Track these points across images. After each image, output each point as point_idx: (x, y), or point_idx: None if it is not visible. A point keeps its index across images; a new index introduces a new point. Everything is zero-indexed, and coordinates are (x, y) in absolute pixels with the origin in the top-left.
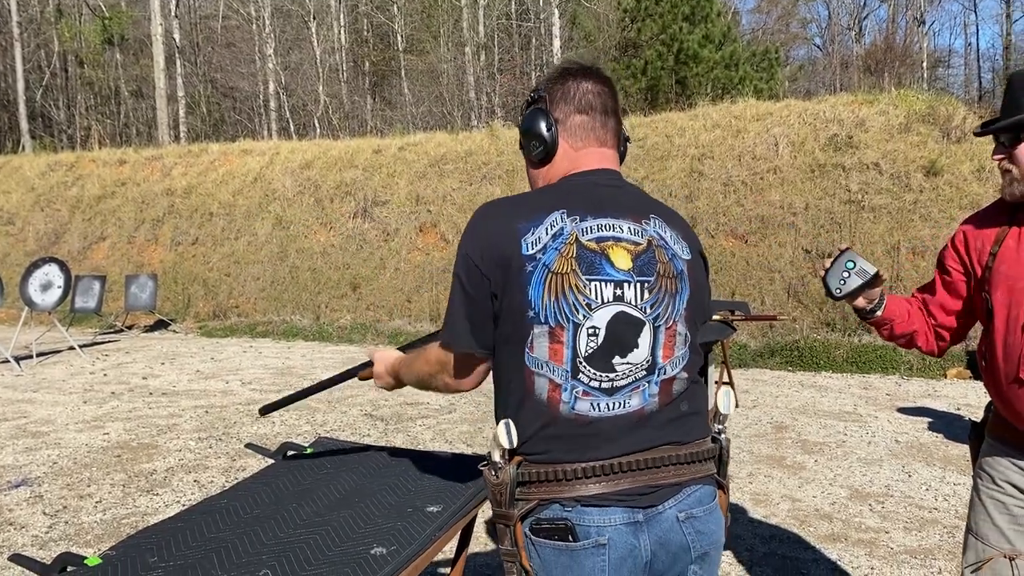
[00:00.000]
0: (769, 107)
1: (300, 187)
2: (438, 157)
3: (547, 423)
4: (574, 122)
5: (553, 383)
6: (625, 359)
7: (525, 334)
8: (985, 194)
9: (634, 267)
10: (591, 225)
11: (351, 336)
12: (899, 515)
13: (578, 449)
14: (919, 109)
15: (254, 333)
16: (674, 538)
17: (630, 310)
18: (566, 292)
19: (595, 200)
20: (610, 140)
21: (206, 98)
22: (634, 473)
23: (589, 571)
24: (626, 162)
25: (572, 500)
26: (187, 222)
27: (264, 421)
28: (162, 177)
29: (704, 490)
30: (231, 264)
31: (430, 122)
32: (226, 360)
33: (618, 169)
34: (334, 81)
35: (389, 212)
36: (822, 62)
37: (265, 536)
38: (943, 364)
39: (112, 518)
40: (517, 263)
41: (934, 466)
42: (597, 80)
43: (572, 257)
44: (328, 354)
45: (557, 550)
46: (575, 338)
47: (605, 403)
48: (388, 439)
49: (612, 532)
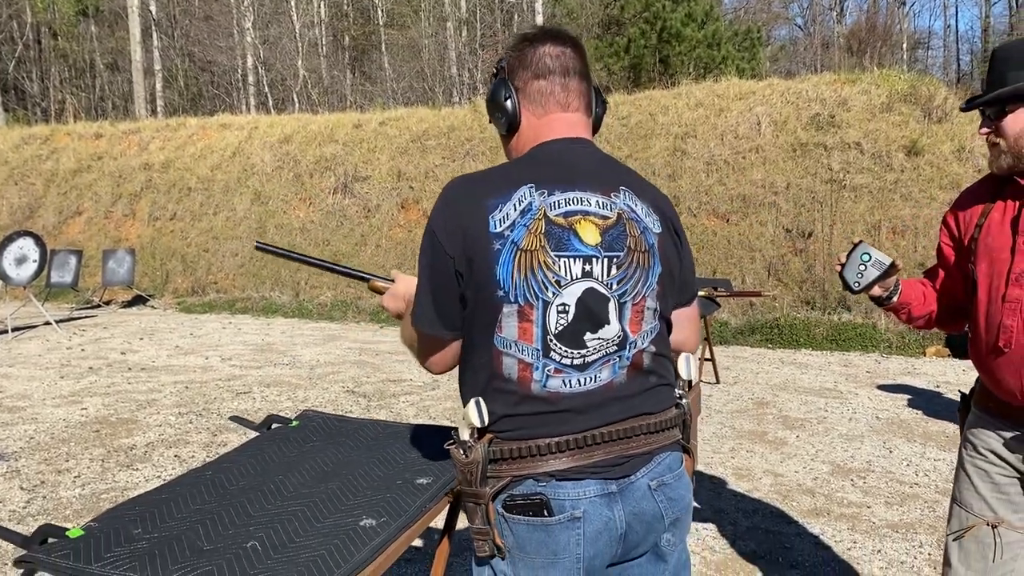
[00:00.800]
0: (752, 86)
1: (279, 162)
2: (420, 132)
3: (518, 402)
4: (533, 88)
5: (523, 363)
6: (596, 335)
7: (494, 314)
8: (965, 174)
9: (602, 242)
10: (559, 199)
11: (331, 313)
12: (880, 490)
13: (550, 424)
14: (901, 89)
15: (233, 309)
16: (647, 507)
17: (598, 286)
18: (535, 269)
19: (563, 172)
20: (574, 103)
21: (183, 72)
22: (607, 444)
23: (564, 545)
24: (609, 140)
25: (546, 475)
26: (165, 197)
27: (244, 397)
28: (139, 151)
29: (673, 456)
30: (209, 240)
31: (411, 98)
32: (205, 336)
33: (587, 135)
34: (313, 55)
35: (370, 188)
36: (803, 42)
37: (252, 508)
38: (922, 342)
39: (91, 493)
40: (485, 241)
41: (914, 442)
42: (556, 42)
43: (541, 233)
44: (308, 331)
45: (532, 526)
46: (545, 316)
47: (577, 379)
48: (371, 416)
49: (587, 505)
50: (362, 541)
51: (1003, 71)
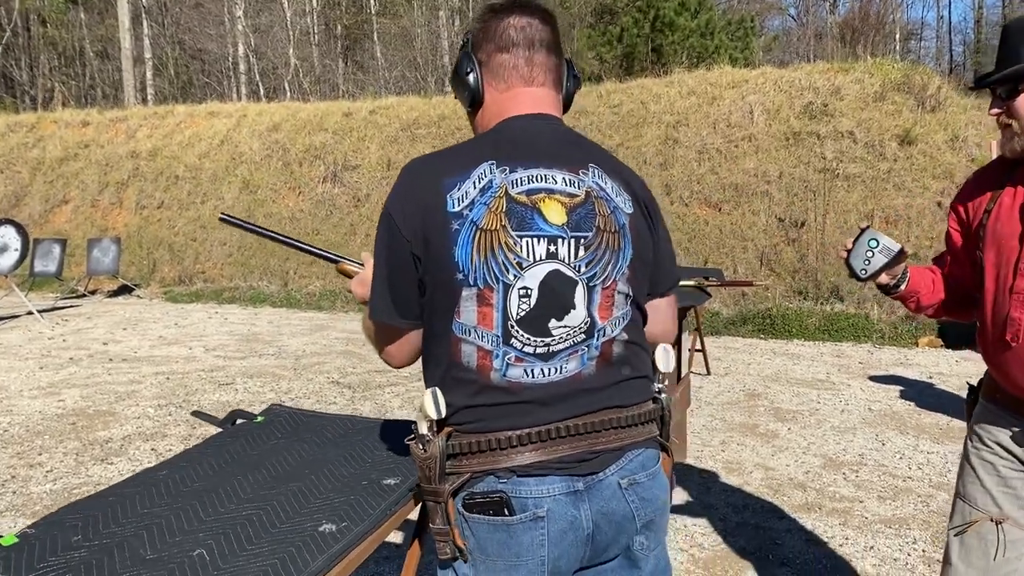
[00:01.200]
0: (745, 74)
1: (268, 150)
2: (410, 121)
3: (477, 392)
4: (496, 61)
5: (482, 350)
6: (562, 322)
7: (453, 299)
8: (959, 164)
9: (569, 221)
10: (522, 176)
11: (320, 303)
12: (873, 484)
13: (512, 416)
14: (894, 78)
15: (220, 299)
16: (617, 507)
17: (564, 268)
18: (495, 250)
19: (527, 148)
20: (539, 77)
21: (173, 60)
22: (573, 439)
23: (527, 546)
24: (600, 128)
25: (507, 471)
26: (152, 185)
27: (226, 388)
28: (126, 139)
29: (647, 453)
30: (197, 228)
31: (403, 87)
32: (190, 326)
33: (554, 111)
34: (305, 44)
35: (360, 177)
36: (797, 33)
37: (204, 512)
38: (915, 332)
39: (63, 488)
40: (442, 222)
41: (907, 434)
42: (523, 13)
43: (502, 212)
44: (296, 320)
45: (492, 526)
46: (505, 300)
47: (540, 369)
48: (355, 407)
49: (551, 503)
50: (320, 548)
51: (1017, 46)
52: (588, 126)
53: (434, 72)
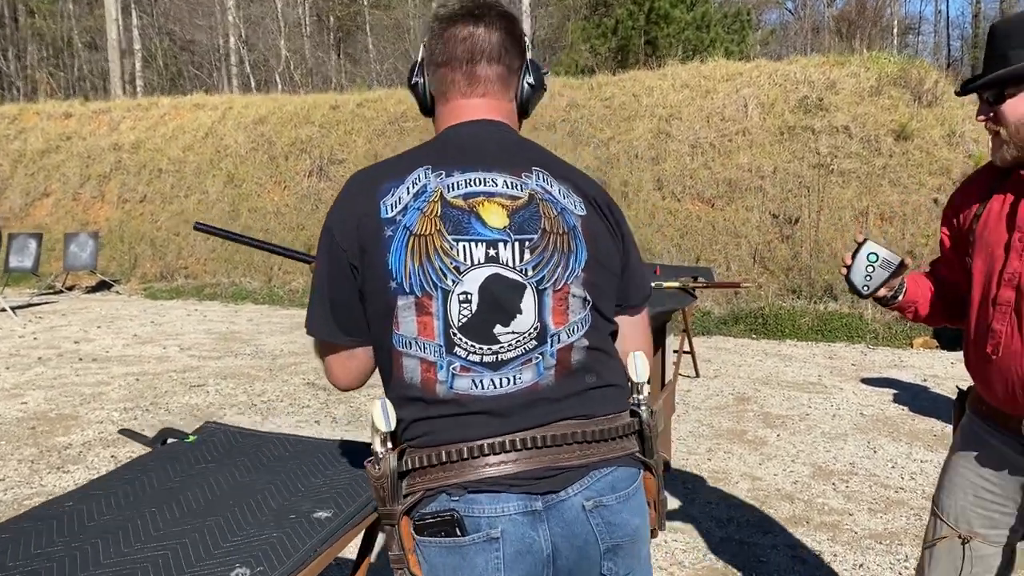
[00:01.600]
0: (739, 67)
1: (253, 143)
2: (398, 114)
3: (426, 407)
4: (438, 76)
5: (426, 362)
6: (508, 328)
7: (390, 309)
8: (955, 160)
9: (511, 224)
10: (458, 180)
11: (303, 300)
12: (864, 495)
13: (463, 427)
14: (890, 72)
15: (201, 295)
16: (579, 530)
17: (506, 272)
18: (431, 255)
19: (466, 153)
20: (479, 89)
21: (163, 51)
22: (531, 452)
23: (482, 570)
24: (591, 122)
25: (458, 487)
26: (135, 179)
27: (197, 390)
28: (109, 131)
29: (618, 473)
30: (180, 223)
31: (395, 79)
32: (167, 324)
33: (499, 118)
34: (296, 36)
35: (346, 171)
36: (793, 26)
37: (104, 554)
38: (909, 333)
39: (13, 499)
40: (375, 228)
41: (900, 441)
42: (467, 22)
43: (436, 216)
44: (277, 319)
45: (444, 548)
46: (446, 307)
47: (490, 379)
48: (328, 410)
49: (506, 523)
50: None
51: (1004, 49)
52: (579, 119)
53: None
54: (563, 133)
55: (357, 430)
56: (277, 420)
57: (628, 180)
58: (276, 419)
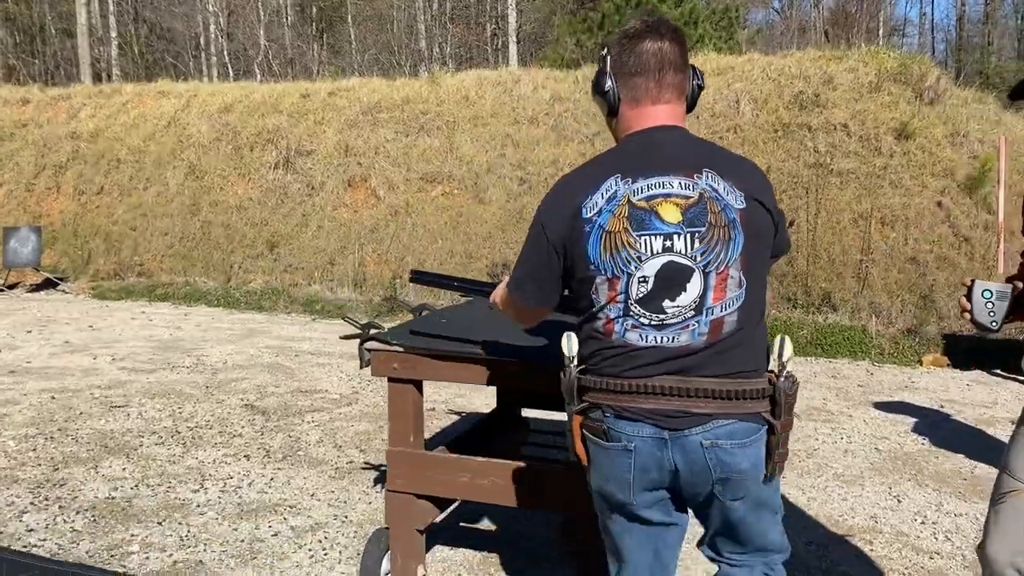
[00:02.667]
0: (730, 61)
1: (217, 133)
2: (371, 104)
3: (601, 347)
4: (630, 83)
5: (609, 319)
6: (674, 302)
7: (590, 284)
8: (960, 160)
9: (684, 219)
10: (642, 186)
11: (260, 303)
12: (893, 564)
13: (621, 366)
14: (890, 67)
15: (153, 296)
16: (696, 459)
17: (679, 258)
18: (619, 247)
19: (648, 160)
20: (666, 96)
21: (138, 39)
22: (667, 397)
23: (620, 467)
24: (576, 116)
25: (611, 409)
26: (92, 169)
27: (117, 412)
28: (68, 119)
29: (737, 426)
30: (137, 217)
31: (377, 71)
32: (107, 329)
33: (677, 123)
34: (277, 25)
35: (314, 163)
36: (779, 26)
37: None
38: (917, 349)
39: None
40: (579, 226)
41: (925, 487)
42: (654, 38)
43: (624, 217)
44: (228, 323)
45: (597, 445)
46: (628, 286)
47: (654, 336)
48: (263, 440)
49: (639, 442)
50: None
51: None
52: (563, 112)
53: (409, 57)
54: (546, 128)
55: (292, 467)
56: (201, 454)
57: None
58: (200, 451)
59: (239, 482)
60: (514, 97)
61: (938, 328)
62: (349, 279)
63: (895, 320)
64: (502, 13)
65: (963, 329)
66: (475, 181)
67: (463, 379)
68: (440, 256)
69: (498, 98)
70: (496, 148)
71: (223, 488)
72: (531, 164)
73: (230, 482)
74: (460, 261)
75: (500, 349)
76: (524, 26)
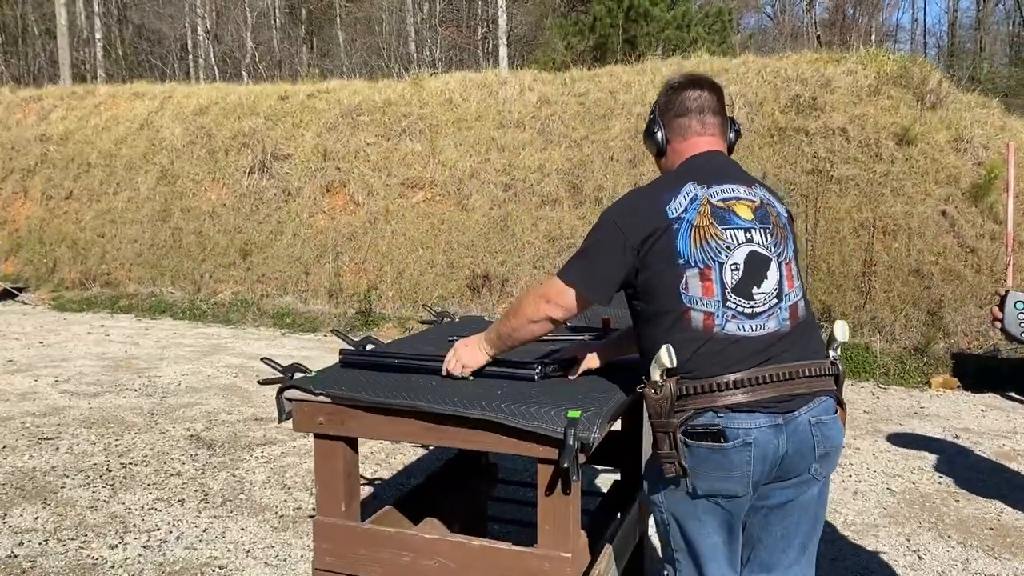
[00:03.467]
0: (724, 63)
1: (191, 136)
2: (352, 107)
3: (701, 345)
4: (676, 123)
5: (707, 313)
6: (760, 289)
7: (679, 278)
8: (964, 167)
9: (755, 217)
10: (716, 190)
11: (228, 315)
12: None
13: (728, 363)
14: (890, 70)
15: (115, 308)
16: (805, 438)
17: (759, 249)
18: (708, 240)
19: (714, 171)
20: (709, 131)
21: (122, 40)
22: (774, 384)
23: (737, 464)
24: (563, 119)
25: (724, 408)
26: (62, 173)
27: (44, 446)
28: (38, 121)
29: (828, 402)
30: (106, 223)
31: (365, 74)
32: (58, 345)
33: (722, 150)
34: (266, 28)
35: (291, 168)
36: (772, 31)
37: None
38: (925, 369)
39: None
40: (665, 224)
41: (949, 539)
42: (695, 87)
43: (708, 214)
44: (190, 338)
45: (710, 449)
46: (721, 274)
47: (748, 325)
48: (203, 480)
49: (757, 433)
50: None
51: None
52: (550, 116)
53: (398, 60)
54: (532, 131)
55: (230, 515)
56: (129, 498)
57: (602, 184)
58: (129, 495)
59: (166, 535)
60: (499, 100)
61: (946, 346)
62: (324, 289)
63: (899, 337)
64: (493, 16)
65: (972, 347)
66: (458, 187)
67: (408, 437)
68: (420, 266)
69: (483, 100)
70: (480, 152)
71: (146, 543)
72: (516, 170)
73: (155, 535)
74: (441, 271)
75: (462, 398)
76: (515, 29)
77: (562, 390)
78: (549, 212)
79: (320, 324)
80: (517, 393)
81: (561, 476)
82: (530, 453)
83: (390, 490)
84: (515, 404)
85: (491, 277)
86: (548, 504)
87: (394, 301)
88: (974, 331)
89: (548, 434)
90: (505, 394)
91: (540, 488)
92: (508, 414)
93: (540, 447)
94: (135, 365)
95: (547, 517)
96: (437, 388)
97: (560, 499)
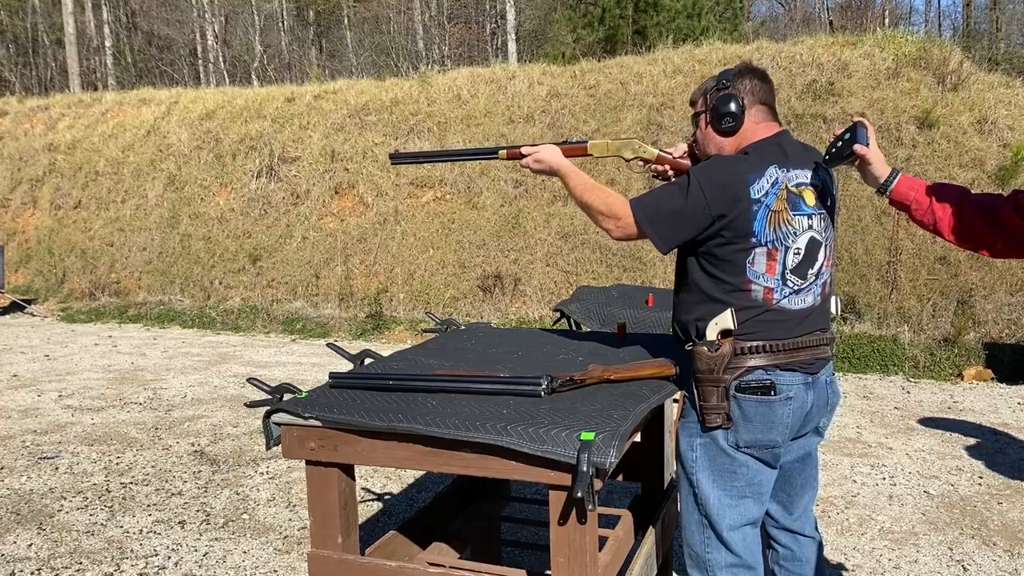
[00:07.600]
0: (737, 50)
1: (198, 141)
2: (359, 107)
3: (759, 314)
4: (754, 107)
5: (767, 288)
6: (812, 269)
7: (747, 253)
8: (989, 150)
9: (817, 204)
10: (792, 175)
11: (238, 322)
12: None
13: (778, 331)
14: (908, 52)
15: (124, 318)
16: (823, 394)
17: (817, 235)
18: (781, 224)
19: (791, 156)
20: (774, 115)
21: (132, 48)
22: (808, 349)
23: (780, 416)
24: (574, 112)
25: (773, 366)
26: (69, 182)
27: (44, 467)
28: (46, 130)
29: (831, 365)
30: (115, 232)
31: (373, 73)
32: (64, 358)
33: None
34: (275, 31)
35: (299, 170)
36: (783, 18)
37: None
38: (956, 361)
39: None
40: (746, 203)
41: (994, 546)
42: (765, 80)
43: (784, 199)
44: (199, 347)
45: (759, 402)
46: (786, 256)
47: (797, 299)
48: (205, 500)
49: (795, 389)
50: None
51: None
52: (560, 109)
53: (407, 59)
54: (543, 126)
55: (232, 537)
56: (128, 520)
57: (615, 178)
58: (128, 517)
59: (164, 560)
60: (508, 94)
61: (977, 336)
62: (334, 293)
63: (927, 327)
64: (501, 11)
65: (1005, 337)
66: (468, 185)
67: (407, 463)
68: (431, 266)
69: (492, 96)
70: None
71: (143, 570)
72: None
73: (153, 561)
74: (453, 271)
75: (464, 419)
76: (524, 24)
77: (574, 407)
78: (561, 208)
79: (331, 329)
80: (524, 412)
81: (575, 505)
82: (540, 479)
83: (400, 505)
84: (522, 426)
85: (503, 276)
86: (562, 534)
87: (405, 303)
88: (1006, 319)
89: (559, 459)
90: (512, 414)
91: (552, 517)
92: (515, 437)
93: (551, 472)
94: (141, 377)
95: (561, 548)
96: (437, 409)
97: (575, 528)
